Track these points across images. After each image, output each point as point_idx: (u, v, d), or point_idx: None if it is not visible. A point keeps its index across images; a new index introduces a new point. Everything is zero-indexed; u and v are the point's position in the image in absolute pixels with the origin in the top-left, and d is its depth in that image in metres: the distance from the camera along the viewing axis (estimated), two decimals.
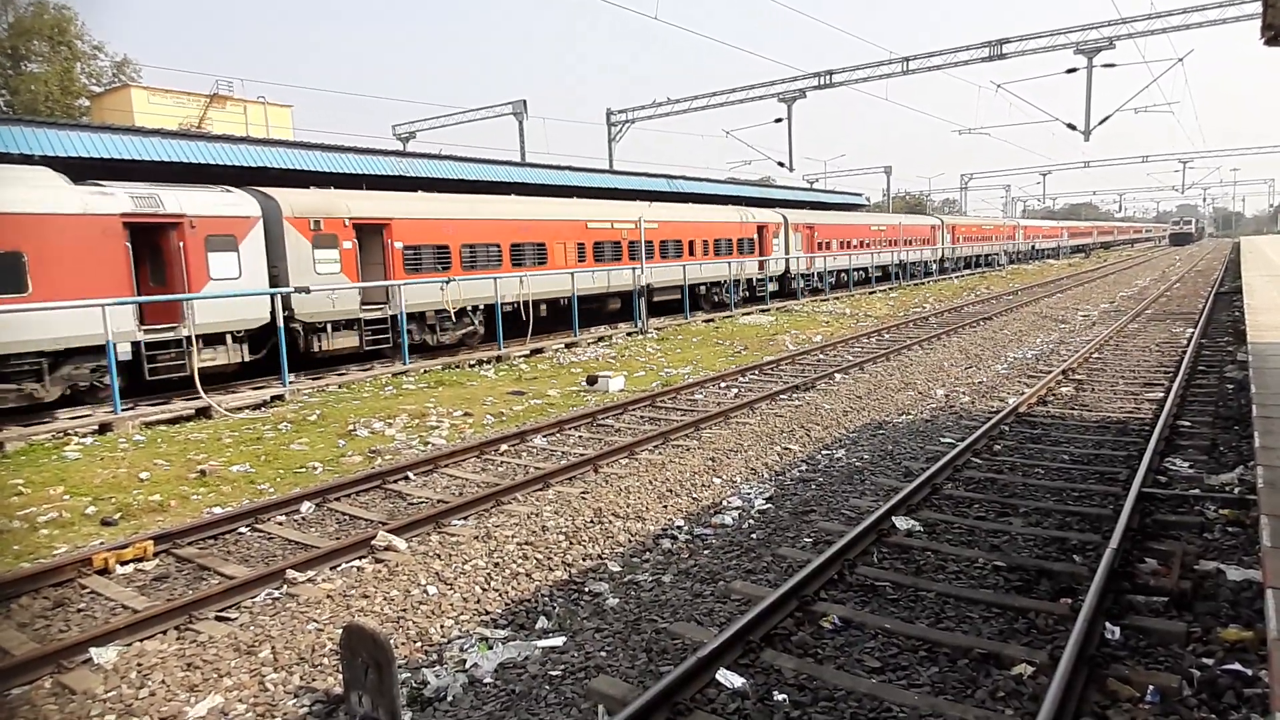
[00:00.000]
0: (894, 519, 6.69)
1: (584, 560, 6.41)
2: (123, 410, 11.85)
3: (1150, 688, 4.13)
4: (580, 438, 10.51)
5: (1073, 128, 31.85)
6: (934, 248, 46.04)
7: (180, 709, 4.46)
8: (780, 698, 4.25)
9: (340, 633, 4.17)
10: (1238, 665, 4.28)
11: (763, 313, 26.74)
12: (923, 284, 39.69)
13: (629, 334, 21.63)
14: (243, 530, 7.38)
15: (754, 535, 6.78)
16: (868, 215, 44.78)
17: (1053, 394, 12.01)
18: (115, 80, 47.21)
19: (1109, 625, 4.78)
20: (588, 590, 5.88)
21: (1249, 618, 4.80)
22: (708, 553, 6.47)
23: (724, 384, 14.00)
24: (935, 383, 13.37)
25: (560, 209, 22.44)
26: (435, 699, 4.52)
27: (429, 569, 6.18)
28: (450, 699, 4.50)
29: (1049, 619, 5.00)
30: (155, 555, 6.74)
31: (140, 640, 5.24)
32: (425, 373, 15.94)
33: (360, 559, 6.53)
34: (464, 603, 5.69)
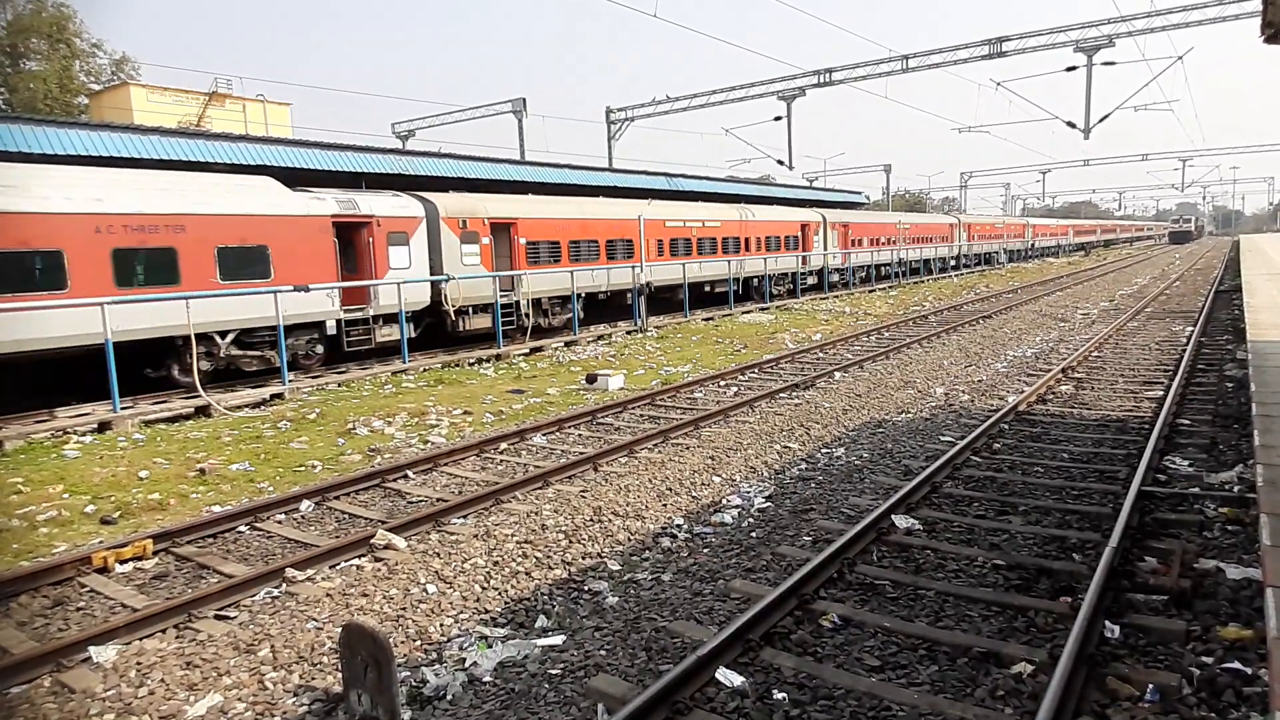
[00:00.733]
0: (893, 517, 6.69)
1: (583, 559, 6.41)
2: (122, 408, 11.85)
3: (1150, 686, 4.13)
4: (580, 436, 10.51)
5: (1072, 126, 31.83)
6: (951, 245, 48.20)
7: (180, 708, 4.46)
8: (780, 696, 4.25)
9: (340, 631, 4.17)
10: (1237, 664, 4.28)
11: (762, 311, 26.79)
12: (922, 282, 39.72)
13: (628, 332, 21.65)
14: (242, 529, 7.38)
15: (753, 534, 6.78)
16: (893, 214, 47.46)
17: (1052, 392, 12.01)
18: (114, 78, 47.05)
19: (1109, 624, 4.78)
20: (587, 589, 5.88)
21: (1249, 616, 4.80)
22: (707, 551, 6.48)
23: (723, 382, 14.01)
24: (935, 381, 13.37)
25: (645, 210, 24.82)
26: (434, 697, 4.52)
27: (428, 567, 6.18)
28: (449, 697, 4.51)
29: (1049, 617, 5.00)
30: (154, 554, 6.74)
31: (139, 639, 5.24)
32: (425, 371, 15.96)
33: (360, 557, 6.53)
34: (463, 601, 5.70)
